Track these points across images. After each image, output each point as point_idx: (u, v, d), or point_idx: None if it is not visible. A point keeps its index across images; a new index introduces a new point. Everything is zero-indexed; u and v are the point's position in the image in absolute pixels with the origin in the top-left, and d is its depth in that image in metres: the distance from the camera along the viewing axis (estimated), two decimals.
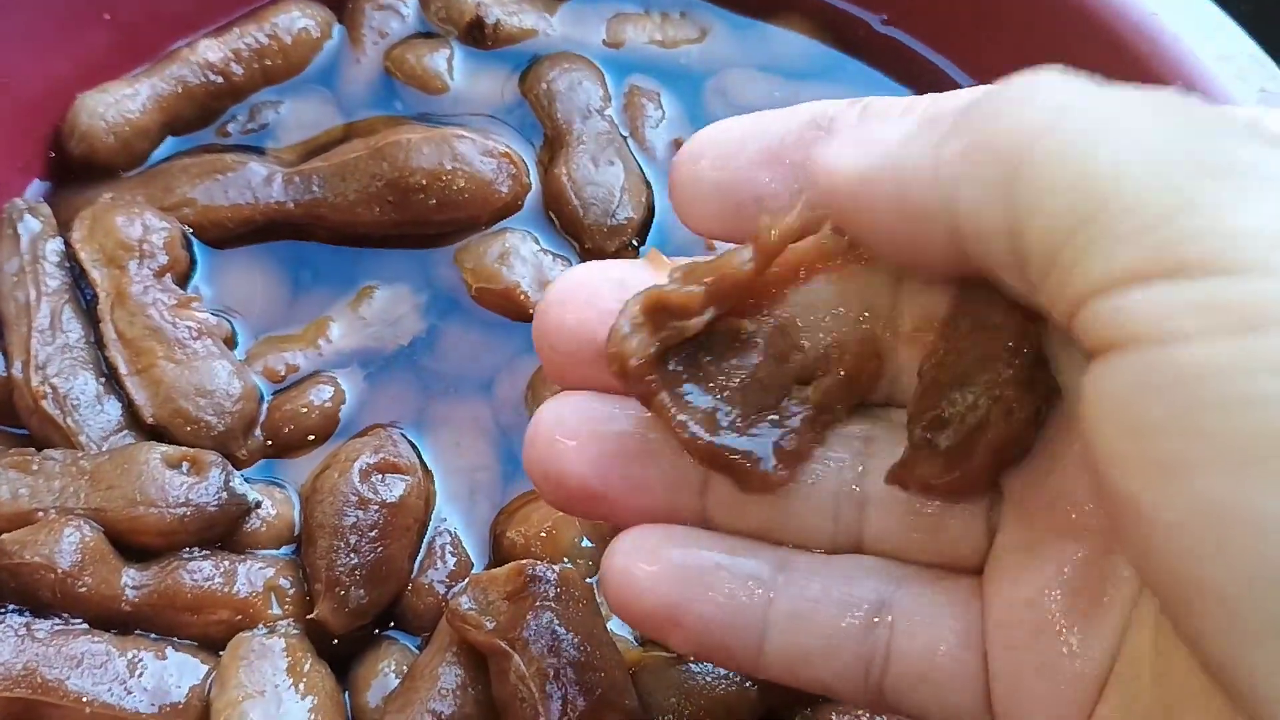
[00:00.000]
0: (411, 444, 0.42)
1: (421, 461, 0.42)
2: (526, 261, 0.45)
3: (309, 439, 0.42)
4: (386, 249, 0.46)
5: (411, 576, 0.40)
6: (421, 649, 0.39)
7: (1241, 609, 0.18)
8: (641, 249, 0.46)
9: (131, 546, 0.39)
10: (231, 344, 0.43)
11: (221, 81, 0.47)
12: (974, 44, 0.49)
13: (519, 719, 0.34)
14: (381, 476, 0.39)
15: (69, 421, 0.40)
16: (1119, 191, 0.19)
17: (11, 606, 0.37)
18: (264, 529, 0.40)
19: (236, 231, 0.45)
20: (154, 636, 0.38)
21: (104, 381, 0.41)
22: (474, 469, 0.43)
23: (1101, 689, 0.24)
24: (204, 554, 0.39)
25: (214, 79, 0.47)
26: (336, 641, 0.39)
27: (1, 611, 0.37)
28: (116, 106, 0.46)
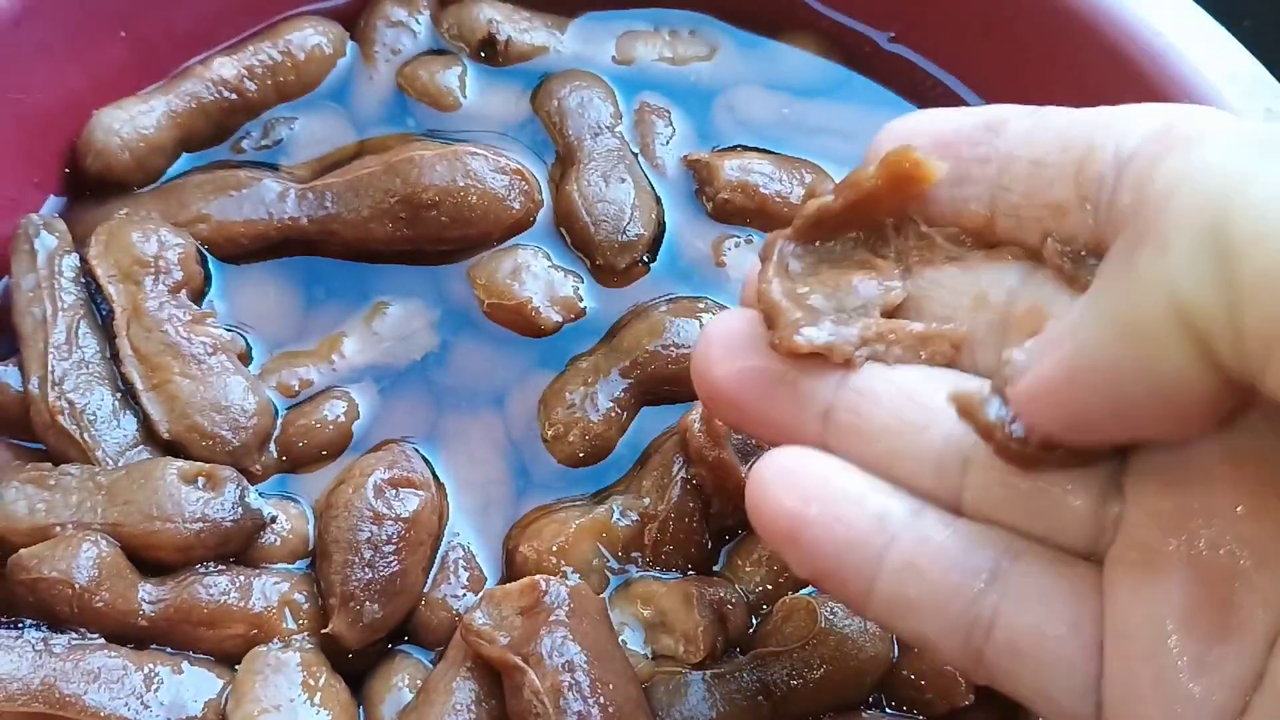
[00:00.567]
0: (424, 459, 0.42)
1: (435, 476, 0.42)
2: (538, 278, 0.45)
3: (322, 454, 0.43)
4: (399, 265, 0.46)
5: (425, 591, 0.40)
6: (435, 663, 0.39)
7: None
8: (652, 265, 0.46)
9: (147, 561, 0.39)
10: (246, 359, 0.44)
11: (235, 98, 0.48)
12: (981, 61, 0.49)
13: None
14: (396, 492, 0.39)
15: (85, 437, 0.40)
16: None
17: (29, 621, 0.37)
18: (278, 544, 0.40)
19: (250, 247, 0.45)
20: (170, 651, 0.38)
21: (119, 397, 0.42)
22: (487, 483, 0.43)
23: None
24: (219, 569, 0.39)
25: (228, 95, 0.48)
26: (351, 656, 0.39)
27: (19, 626, 0.37)
28: (132, 123, 0.46)
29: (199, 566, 0.39)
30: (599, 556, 0.40)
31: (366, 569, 0.38)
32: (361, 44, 0.50)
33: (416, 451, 0.42)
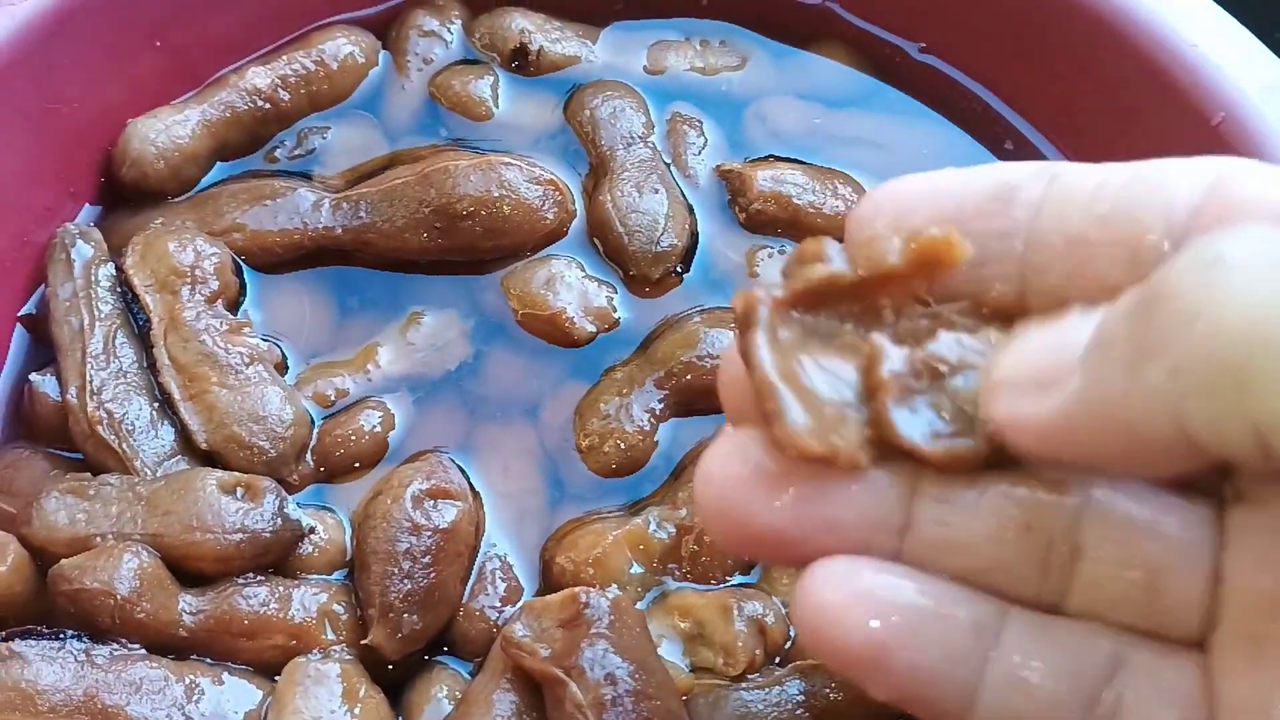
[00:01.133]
0: (460, 469, 0.42)
1: (471, 486, 0.42)
2: (572, 288, 0.45)
3: (357, 465, 0.43)
4: (433, 275, 0.46)
5: (463, 602, 0.40)
6: (473, 674, 0.39)
7: None
8: (685, 276, 0.46)
9: (187, 572, 0.39)
10: (282, 369, 0.44)
11: (269, 107, 0.48)
12: (1011, 72, 0.49)
13: None
14: (434, 502, 0.40)
15: (124, 447, 0.40)
16: None
17: (70, 632, 0.37)
18: (316, 554, 0.40)
19: (285, 257, 0.46)
20: (210, 662, 0.38)
21: (157, 407, 0.42)
22: (522, 494, 0.43)
23: None
24: (259, 579, 0.39)
25: (262, 105, 0.48)
26: (390, 667, 0.39)
27: (61, 637, 0.37)
28: (167, 132, 0.46)
29: (238, 577, 0.39)
30: (636, 568, 0.40)
31: (405, 580, 0.38)
32: (394, 53, 0.50)
33: (452, 462, 0.42)
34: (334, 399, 0.44)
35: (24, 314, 0.45)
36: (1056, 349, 0.23)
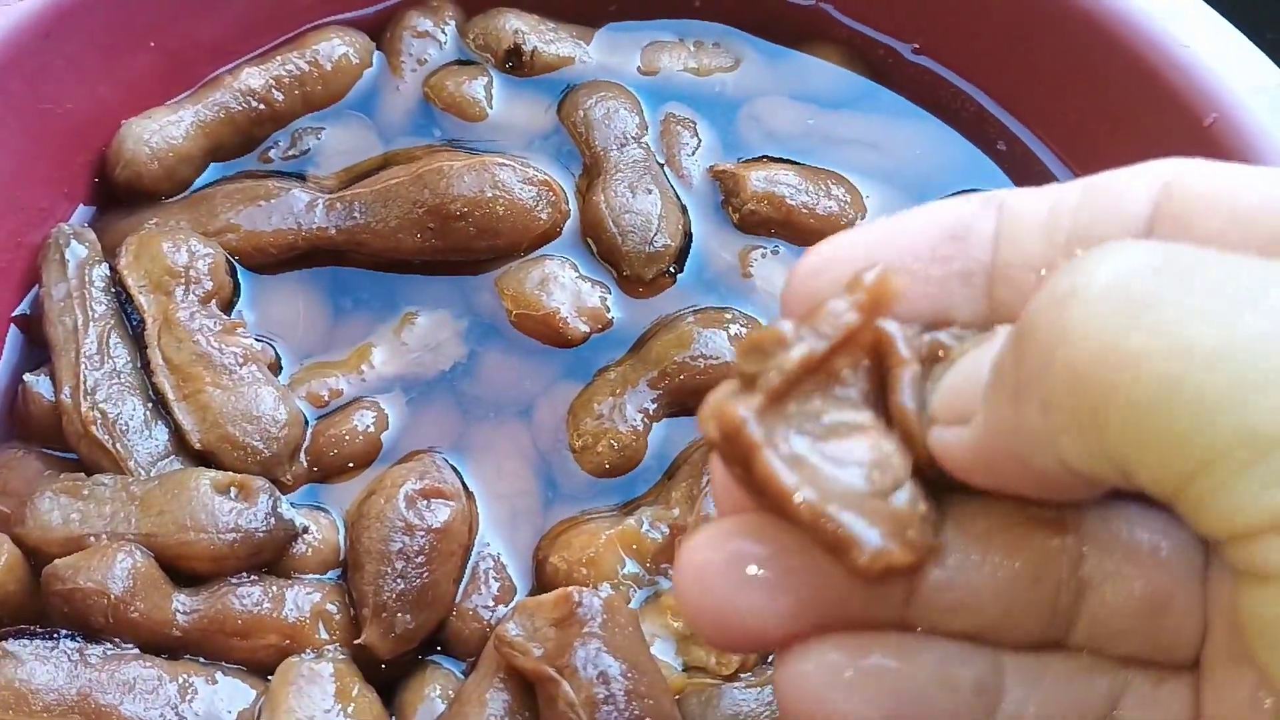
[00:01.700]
0: (454, 469, 0.43)
1: (464, 486, 0.42)
2: (565, 288, 0.45)
3: (350, 465, 0.43)
4: (427, 275, 0.46)
5: (456, 601, 0.40)
6: (467, 674, 0.39)
7: None
8: (679, 276, 0.46)
9: (180, 572, 0.39)
10: (276, 370, 0.44)
11: (263, 108, 0.48)
12: (1004, 73, 0.49)
13: None
14: (427, 502, 0.40)
15: (118, 447, 0.41)
16: (1235, 426, 0.17)
17: (64, 632, 0.37)
18: (309, 554, 0.40)
19: (279, 257, 0.46)
20: (203, 661, 0.38)
21: (151, 407, 0.42)
22: (515, 494, 0.43)
23: None
24: (253, 579, 0.39)
25: (256, 105, 0.48)
26: (383, 666, 0.39)
27: (55, 637, 0.37)
28: (161, 133, 0.46)
29: (232, 577, 0.39)
30: (629, 568, 0.40)
31: (399, 579, 0.38)
32: (388, 54, 0.50)
33: (446, 462, 0.42)
34: (328, 399, 0.44)
35: (18, 314, 0.45)
36: (975, 379, 0.22)
